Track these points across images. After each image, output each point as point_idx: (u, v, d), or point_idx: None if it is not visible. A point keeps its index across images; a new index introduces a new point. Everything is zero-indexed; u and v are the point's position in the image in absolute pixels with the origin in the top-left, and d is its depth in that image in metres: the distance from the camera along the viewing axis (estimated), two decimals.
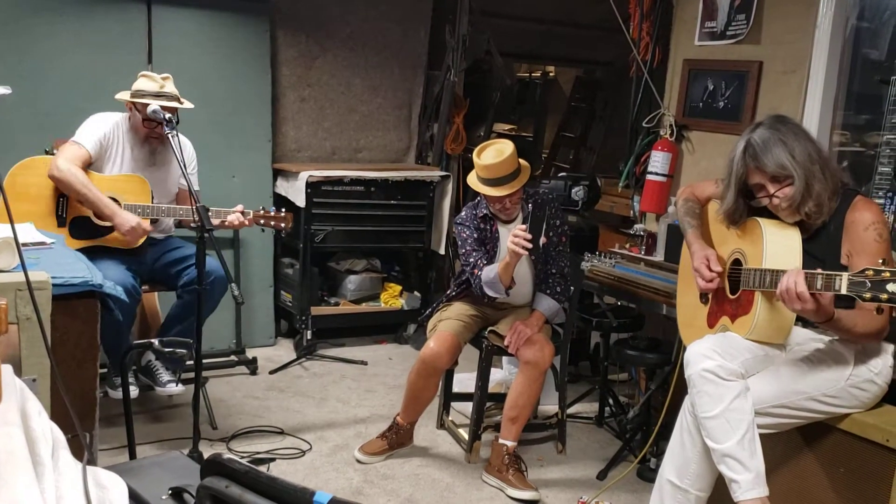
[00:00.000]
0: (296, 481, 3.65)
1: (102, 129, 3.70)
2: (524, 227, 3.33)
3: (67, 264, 2.60)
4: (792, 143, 2.66)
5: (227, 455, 1.25)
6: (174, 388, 3.75)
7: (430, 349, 3.65)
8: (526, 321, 3.66)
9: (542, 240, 3.44)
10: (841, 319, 2.53)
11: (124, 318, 3.36)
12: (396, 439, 3.83)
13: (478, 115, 6.43)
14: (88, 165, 3.64)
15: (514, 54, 7.23)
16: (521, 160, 3.61)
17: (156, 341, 2.66)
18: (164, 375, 3.74)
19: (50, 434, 1.24)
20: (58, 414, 2.06)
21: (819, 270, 2.40)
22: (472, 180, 3.63)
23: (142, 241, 3.66)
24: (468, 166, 6.29)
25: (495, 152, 3.56)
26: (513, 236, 3.33)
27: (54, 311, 2.31)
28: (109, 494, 1.23)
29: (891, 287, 2.19)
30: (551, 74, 8.87)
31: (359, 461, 3.75)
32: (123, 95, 3.71)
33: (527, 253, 3.36)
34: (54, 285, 2.32)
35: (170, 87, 3.70)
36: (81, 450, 1.32)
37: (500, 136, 9.02)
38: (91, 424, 2.52)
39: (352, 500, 1.09)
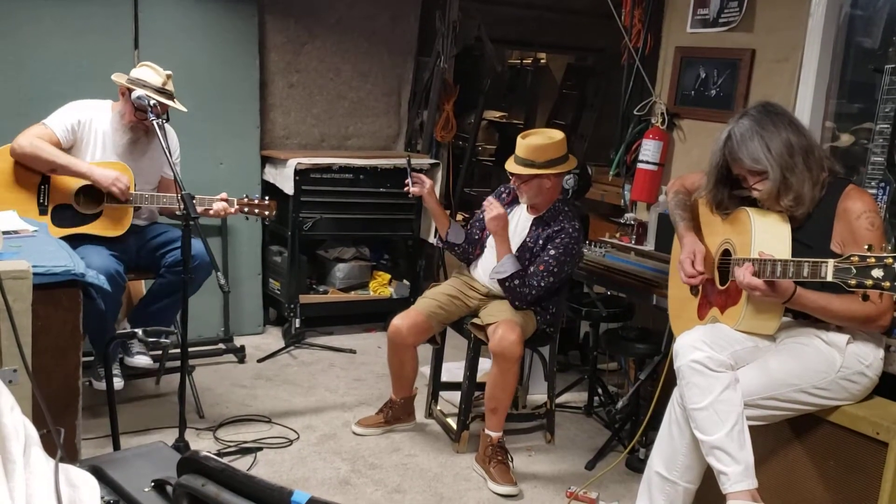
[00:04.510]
0: (283, 471, 3.62)
1: (77, 115, 3.64)
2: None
3: (50, 253, 2.57)
4: (771, 136, 2.65)
5: (204, 453, 1.22)
6: (143, 360, 3.73)
7: (392, 325, 3.79)
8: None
9: (415, 190, 3.78)
10: (807, 296, 2.54)
11: (109, 306, 3.32)
12: (392, 414, 3.92)
13: (468, 102, 6.38)
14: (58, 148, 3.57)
15: (505, 41, 7.16)
16: (559, 165, 3.60)
17: (139, 331, 2.62)
18: (135, 347, 3.71)
19: (23, 430, 1.21)
20: (39, 407, 2.03)
21: (805, 258, 2.41)
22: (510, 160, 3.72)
23: (129, 194, 3.59)
24: (458, 154, 6.28)
25: (540, 136, 3.64)
26: None
27: (36, 301, 2.28)
28: (80, 493, 1.20)
29: (875, 273, 2.19)
30: (542, 61, 8.81)
31: (356, 433, 3.86)
32: (120, 78, 3.65)
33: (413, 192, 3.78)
34: (36, 274, 2.29)
35: (170, 86, 3.67)
36: (55, 446, 1.29)
37: (491, 123, 8.99)
38: (74, 415, 2.49)
39: (330, 501, 1.06)
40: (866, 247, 2.23)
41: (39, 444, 1.23)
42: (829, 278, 2.29)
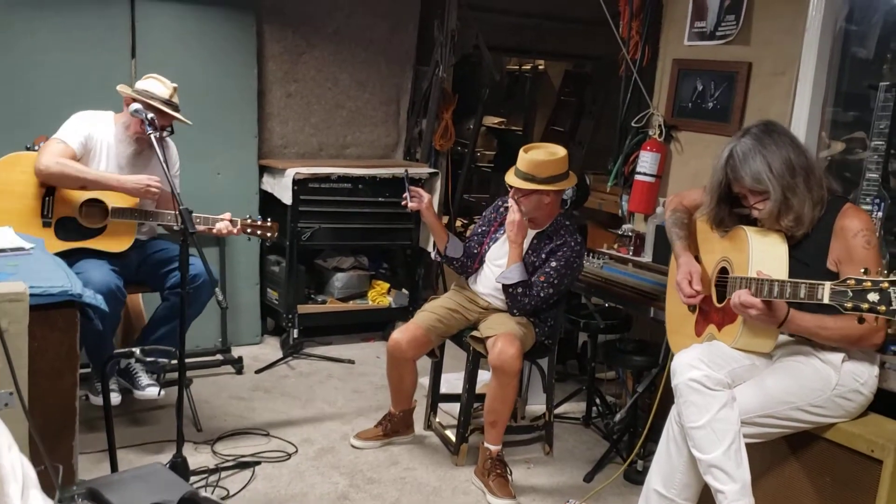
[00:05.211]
0: (281, 486, 3.62)
1: (87, 127, 3.64)
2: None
3: (46, 272, 2.55)
4: (773, 156, 2.66)
5: (204, 494, 1.22)
6: (153, 392, 3.70)
7: (392, 339, 3.80)
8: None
9: (413, 205, 3.77)
10: (801, 318, 2.56)
11: (108, 321, 3.32)
12: (391, 427, 3.93)
13: (467, 110, 6.38)
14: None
15: (503, 48, 7.18)
16: (560, 182, 3.60)
17: (137, 350, 2.62)
18: (144, 379, 3.70)
19: (20, 471, 1.21)
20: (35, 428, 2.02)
21: (802, 280, 2.41)
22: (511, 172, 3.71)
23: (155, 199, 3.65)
24: (457, 160, 6.28)
25: (542, 152, 3.63)
26: None
27: (32, 322, 2.27)
28: None
29: (871, 297, 2.19)
30: (541, 67, 8.82)
31: (354, 447, 3.86)
32: (125, 89, 3.65)
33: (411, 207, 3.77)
34: (32, 295, 2.28)
35: (176, 98, 3.68)
36: (53, 481, 1.29)
37: (490, 129, 9.00)
38: (71, 436, 2.48)
39: None
40: (862, 270, 2.23)
41: (38, 485, 1.23)
42: (826, 300, 2.29)
